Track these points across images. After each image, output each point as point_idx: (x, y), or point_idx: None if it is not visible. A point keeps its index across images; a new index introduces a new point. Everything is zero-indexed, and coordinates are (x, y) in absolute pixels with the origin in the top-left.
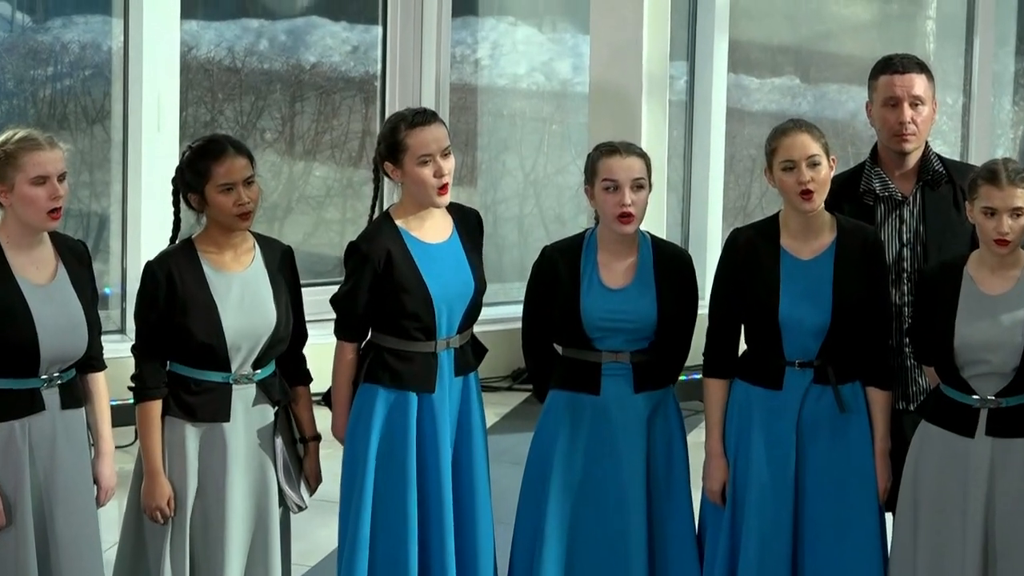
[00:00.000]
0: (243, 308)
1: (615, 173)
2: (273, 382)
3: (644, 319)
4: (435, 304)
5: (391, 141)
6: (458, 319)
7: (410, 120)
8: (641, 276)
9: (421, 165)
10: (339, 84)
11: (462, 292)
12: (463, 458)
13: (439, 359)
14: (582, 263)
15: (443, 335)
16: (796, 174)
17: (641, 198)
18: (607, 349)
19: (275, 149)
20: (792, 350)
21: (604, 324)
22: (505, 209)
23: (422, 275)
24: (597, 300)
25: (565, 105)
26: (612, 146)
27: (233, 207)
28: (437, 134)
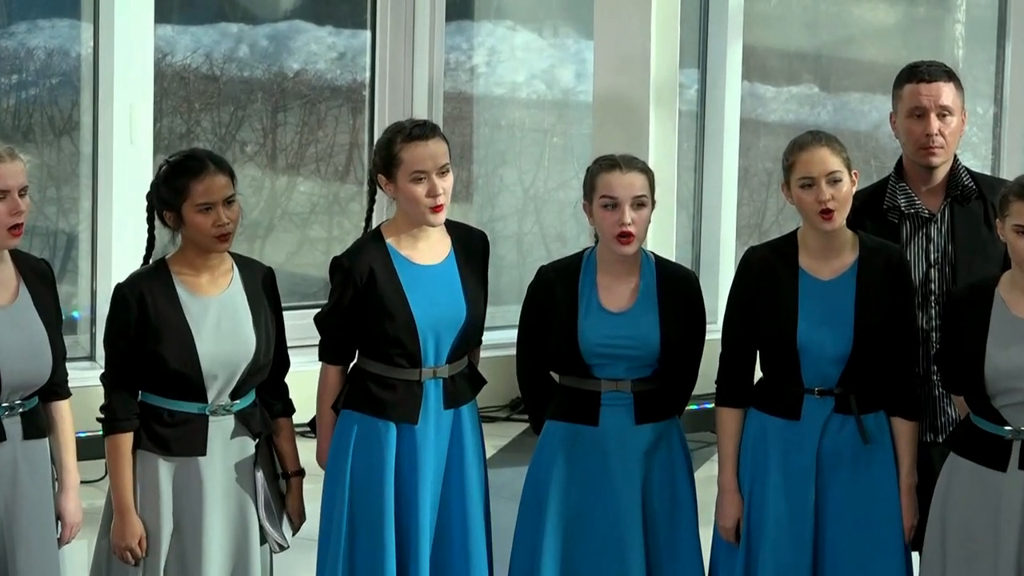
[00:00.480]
0: (220, 334)
1: (614, 190)
2: (253, 413)
3: (646, 345)
4: (419, 330)
5: (386, 153)
6: (447, 348)
7: (407, 133)
8: (644, 299)
9: (414, 182)
10: (325, 93)
11: (451, 319)
12: (454, 497)
13: (424, 389)
14: (580, 284)
15: (429, 363)
16: (815, 192)
17: (642, 216)
18: (607, 377)
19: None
20: (811, 377)
21: (603, 350)
22: (503, 227)
23: (407, 297)
24: (596, 324)
25: (567, 115)
26: (612, 160)
27: (211, 228)
28: (434, 150)
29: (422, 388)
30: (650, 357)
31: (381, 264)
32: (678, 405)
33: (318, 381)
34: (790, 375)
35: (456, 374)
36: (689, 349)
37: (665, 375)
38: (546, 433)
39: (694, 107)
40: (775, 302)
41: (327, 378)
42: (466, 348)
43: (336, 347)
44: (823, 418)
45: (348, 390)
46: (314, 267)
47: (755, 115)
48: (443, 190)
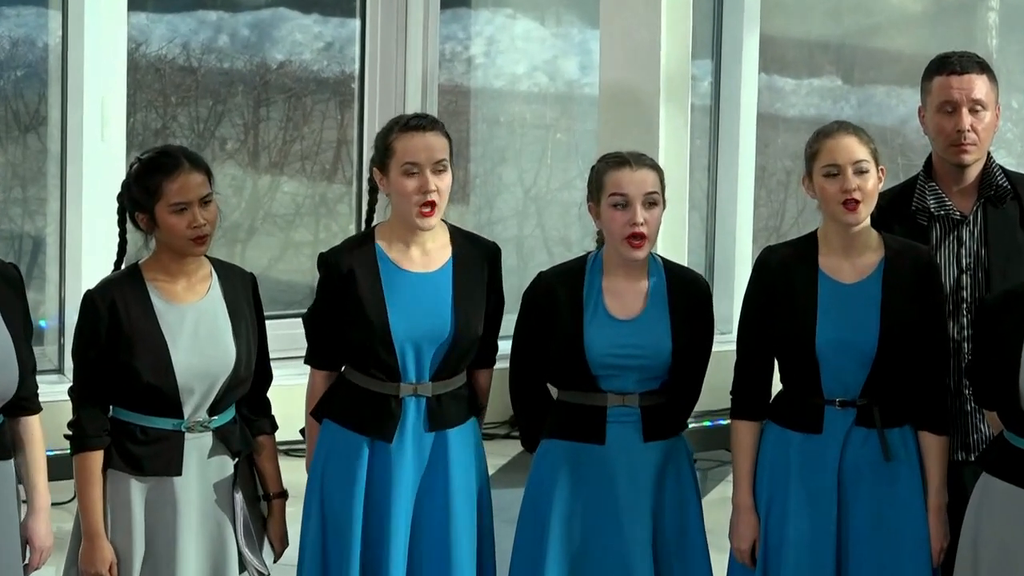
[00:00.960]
0: (197, 344)
1: (624, 187)
2: (232, 430)
3: (657, 354)
4: (395, 341)
5: (381, 143)
6: (429, 364)
7: (404, 122)
8: (653, 305)
9: (405, 175)
10: (310, 86)
11: (434, 333)
12: (436, 526)
13: (404, 406)
14: (585, 290)
15: (409, 379)
16: (840, 181)
17: (654, 216)
18: (613, 390)
19: (236, 161)
20: (832, 387)
21: (611, 360)
22: (502, 230)
23: (385, 303)
24: (603, 332)
25: (571, 110)
26: (620, 157)
27: (187, 230)
28: (430, 143)
29: (401, 405)
30: (660, 368)
31: (364, 265)
32: (684, 420)
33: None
34: (809, 385)
35: (444, 394)
36: (697, 360)
37: (673, 388)
38: (544, 453)
39: (707, 101)
40: (793, 306)
41: (312, 383)
42: (456, 367)
43: (321, 350)
44: (844, 431)
45: (326, 398)
46: (299, 273)
47: (773, 110)
48: (435, 188)
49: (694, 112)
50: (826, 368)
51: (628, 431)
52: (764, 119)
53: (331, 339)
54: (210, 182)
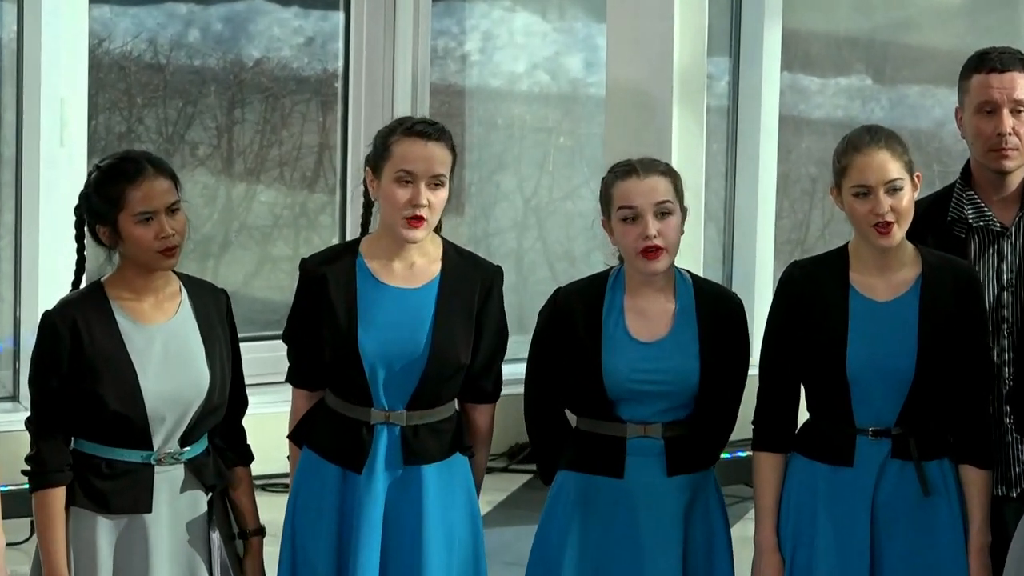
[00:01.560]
0: (168, 368)
1: (632, 199)
2: (206, 462)
3: (684, 380)
4: (365, 361)
5: (379, 143)
6: (402, 390)
7: (409, 126)
8: (680, 326)
9: (397, 182)
10: (290, 85)
11: (407, 357)
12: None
13: (375, 435)
14: (605, 310)
15: (381, 405)
16: (871, 202)
17: (670, 226)
18: (634, 420)
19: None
20: (864, 415)
21: (632, 386)
22: (500, 243)
23: (356, 318)
24: (624, 356)
25: (575, 112)
26: (628, 166)
27: (153, 242)
28: (431, 153)
29: (372, 433)
30: (686, 395)
31: (340, 274)
32: (714, 453)
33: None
34: (840, 413)
35: (422, 425)
36: (730, 387)
37: (700, 418)
38: (559, 486)
39: (725, 102)
40: (822, 326)
41: (293, 404)
42: (436, 397)
43: (300, 367)
44: (878, 464)
45: (304, 422)
46: (277, 290)
47: (797, 111)
48: (427, 202)
49: (710, 114)
50: (858, 394)
51: (650, 464)
52: (787, 122)
53: (309, 354)
54: (177, 189)
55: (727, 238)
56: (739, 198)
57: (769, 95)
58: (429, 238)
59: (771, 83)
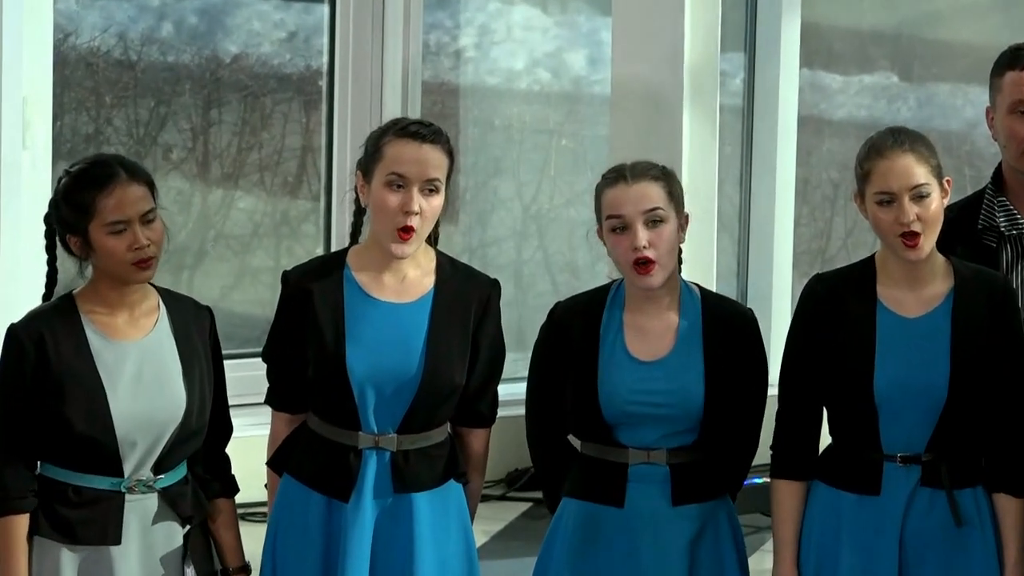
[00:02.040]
0: (141, 389)
1: (620, 207)
2: (183, 492)
3: (686, 403)
4: (352, 380)
5: (372, 145)
6: (393, 412)
7: (403, 126)
8: (684, 344)
9: (388, 187)
10: (270, 84)
11: (399, 375)
12: None
13: (362, 460)
14: (603, 326)
15: (370, 428)
16: (895, 211)
17: (662, 236)
18: (636, 445)
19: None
20: (892, 440)
21: (631, 408)
22: (497, 254)
23: (344, 335)
24: (622, 376)
25: (579, 112)
26: (617, 171)
27: (127, 253)
28: (426, 156)
29: (359, 459)
30: (690, 419)
31: (327, 287)
32: (729, 482)
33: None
34: (865, 438)
35: (413, 450)
36: (745, 409)
37: (710, 443)
38: (560, 514)
39: (740, 101)
40: (847, 345)
41: (272, 428)
42: (428, 420)
43: (279, 387)
44: (907, 492)
45: (285, 447)
46: (257, 304)
47: (817, 111)
48: (419, 209)
49: (723, 114)
50: (886, 418)
51: (653, 493)
52: (807, 122)
53: (291, 374)
54: (153, 196)
55: (742, 248)
56: (755, 205)
57: (787, 94)
58: (422, 249)
59: (789, 81)
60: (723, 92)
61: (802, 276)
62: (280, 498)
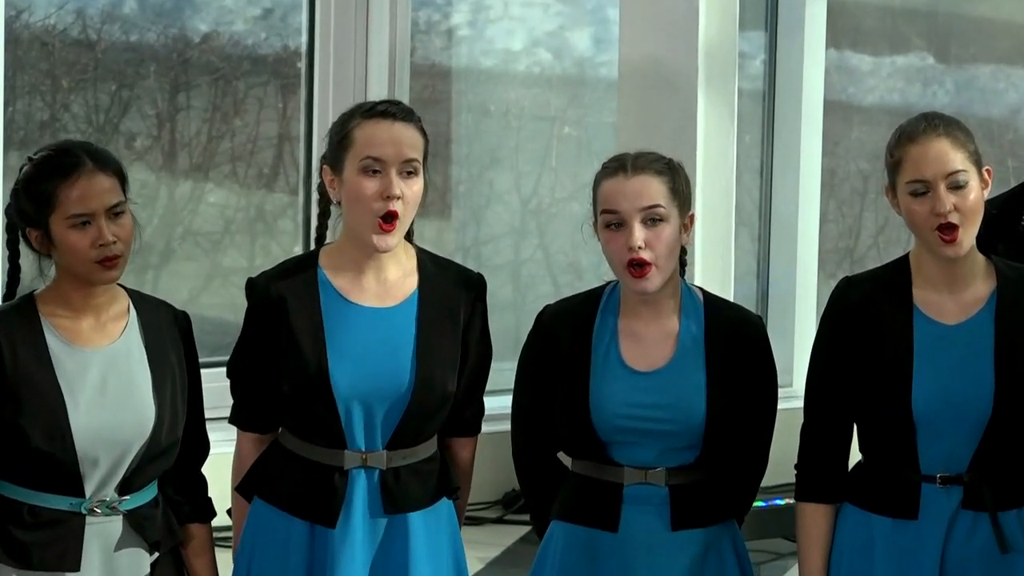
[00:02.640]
0: (105, 401)
1: (615, 201)
2: (151, 515)
3: (686, 418)
4: (337, 396)
5: (337, 132)
6: (384, 429)
7: (369, 107)
8: (685, 353)
9: (363, 173)
10: (244, 66)
11: (389, 387)
12: None
13: (349, 480)
14: (595, 333)
15: (357, 446)
16: (930, 201)
17: (660, 237)
18: (632, 464)
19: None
20: (932, 459)
21: (625, 423)
22: (493, 253)
23: (325, 346)
24: (616, 388)
25: (583, 97)
26: (618, 162)
27: (90, 250)
28: (400, 135)
29: (346, 479)
30: (692, 435)
31: (301, 294)
32: (736, 505)
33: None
34: (902, 457)
35: (404, 467)
36: (751, 425)
37: (713, 462)
38: (549, 539)
39: (760, 85)
40: (881, 355)
41: (238, 450)
42: (419, 433)
43: (248, 405)
44: (948, 516)
45: (256, 470)
46: (229, 308)
47: (845, 96)
48: (400, 194)
49: (742, 99)
50: (925, 435)
51: (649, 517)
52: (834, 108)
53: (261, 390)
54: (123, 188)
55: (762, 246)
56: (776, 199)
57: (812, 77)
58: (402, 246)
59: (815, 62)
60: (742, 75)
61: (828, 277)
62: (252, 525)
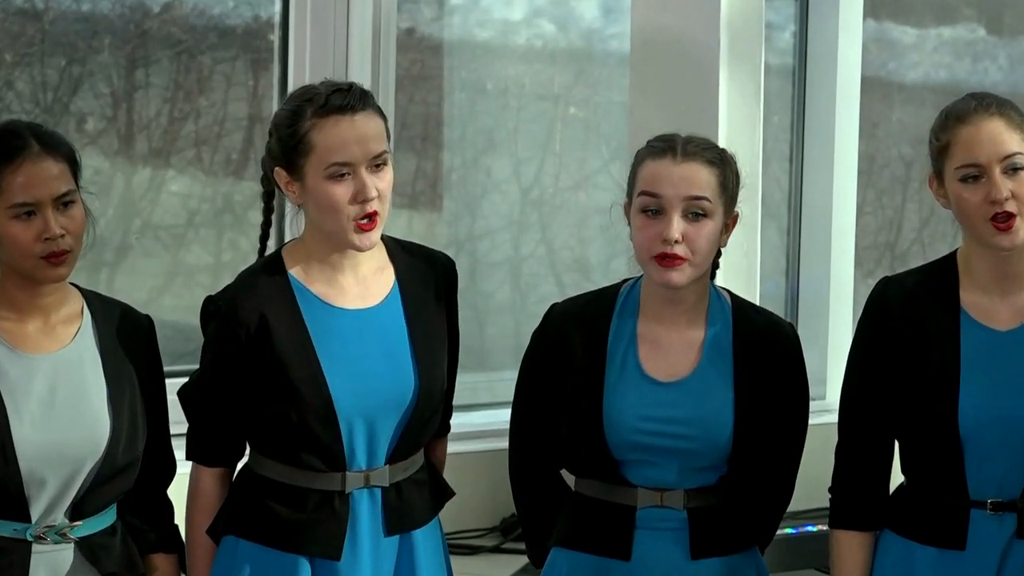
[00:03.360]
0: (53, 414)
1: (658, 185)
2: (108, 544)
3: (712, 433)
4: (339, 413)
5: (287, 132)
6: (387, 440)
7: (322, 102)
8: (710, 362)
9: (331, 180)
10: (210, 38)
11: (391, 399)
12: None
13: (351, 504)
14: (611, 336)
15: (359, 465)
16: (984, 187)
17: (701, 232)
18: (647, 484)
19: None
20: (982, 482)
21: (643, 439)
22: (489, 248)
23: (319, 362)
24: (633, 399)
25: (590, 74)
26: (668, 142)
27: (34, 244)
28: (362, 131)
29: (348, 504)
30: (716, 453)
31: (279, 308)
32: (760, 531)
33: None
34: (948, 480)
35: (404, 481)
36: (779, 444)
37: (737, 483)
38: (551, 568)
39: (790, 60)
40: (924, 364)
41: (199, 486)
42: (417, 441)
43: (211, 439)
44: (1000, 546)
45: (232, 506)
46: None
47: (886, 72)
48: (375, 193)
49: (769, 76)
50: (973, 455)
51: (667, 543)
52: (873, 85)
53: (230, 421)
54: (75, 175)
55: (792, 241)
56: (808, 188)
57: (848, 51)
58: None
59: (851, 35)
60: (769, 48)
61: (866, 277)
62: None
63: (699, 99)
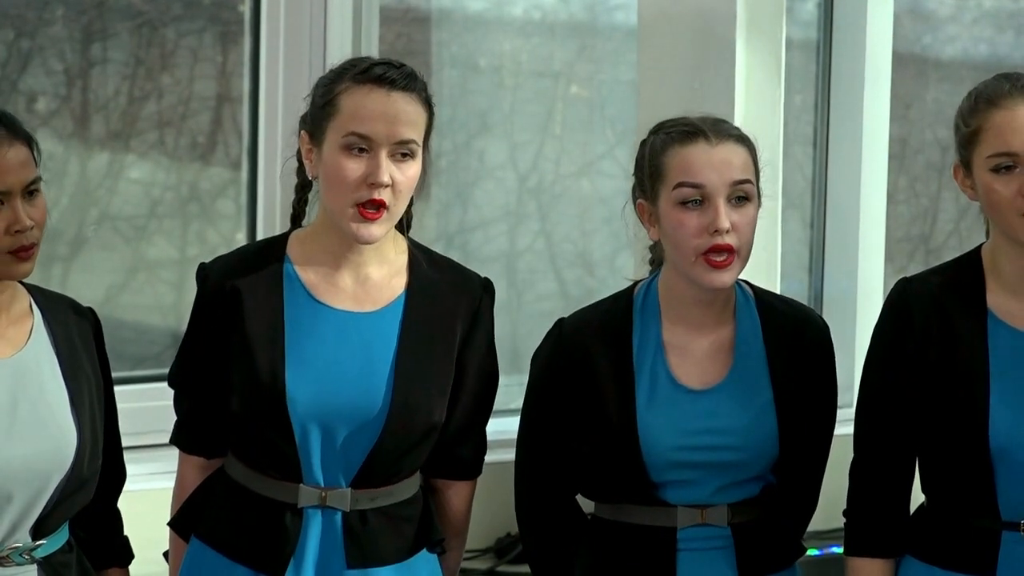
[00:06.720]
0: (16, 425)
1: (699, 173)
2: (67, 562)
3: (759, 441)
4: (292, 417)
5: (321, 91)
6: (346, 460)
7: (363, 68)
8: (744, 365)
9: (345, 151)
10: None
11: (354, 411)
12: None
13: (304, 522)
14: (635, 347)
15: (315, 479)
16: (1018, 179)
17: (746, 219)
18: (686, 503)
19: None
20: (1014, 502)
21: (685, 456)
22: (483, 241)
23: (284, 354)
24: (671, 413)
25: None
26: (690, 126)
27: (4, 237)
28: (398, 109)
29: (300, 520)
30: (762, 462)
31: (261, 289)
32: (797, 543)
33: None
34: (976, 500)
35: (373, 510)
36: (813, 450)
37: (784, 493)
38: None
39: (814, 34)
40: (949, 372)
41: (180, 477)
42: (394, 470)
43: (192, 422)
44: None
45: (194, 503)
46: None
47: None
48: (389, 181)
49: (791, 52)
50: (1004, 472)
51: (714, 564)
52: (905, 63)
53: (207, 404)
54: (35, 160)
55: (816, 234)
56: (834, 175)
57: (878, 24)
58: (390, 238)
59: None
60: (791, 21)
61: (898, 271)
62: (188, 569)
63: (714, 77)
